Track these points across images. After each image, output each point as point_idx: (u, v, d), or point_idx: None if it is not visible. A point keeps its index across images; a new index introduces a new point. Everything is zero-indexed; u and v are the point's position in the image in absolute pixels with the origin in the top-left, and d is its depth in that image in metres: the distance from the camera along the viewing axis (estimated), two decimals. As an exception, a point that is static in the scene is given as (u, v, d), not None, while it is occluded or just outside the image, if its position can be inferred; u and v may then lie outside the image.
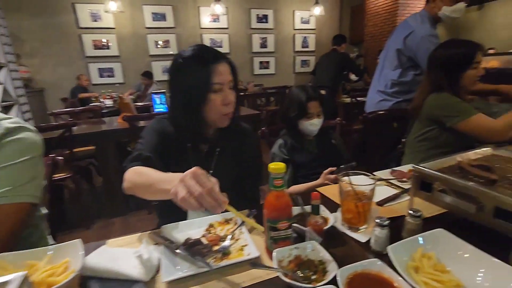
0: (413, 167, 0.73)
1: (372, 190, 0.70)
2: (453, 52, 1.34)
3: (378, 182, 0.98)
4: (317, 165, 1.33)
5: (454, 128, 1.29)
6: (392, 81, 1.91)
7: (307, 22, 6.50)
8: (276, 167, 0.57)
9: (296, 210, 0.77)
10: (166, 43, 5.58)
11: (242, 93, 4.87)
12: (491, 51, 5.50)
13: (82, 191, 2.56)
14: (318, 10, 5.81)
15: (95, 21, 5.02)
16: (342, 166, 1.16)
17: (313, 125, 1.32)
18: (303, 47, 6.63)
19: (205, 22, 5.71)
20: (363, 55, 6.50)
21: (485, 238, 0.62)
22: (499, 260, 0.51)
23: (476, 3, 6.86)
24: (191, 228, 0.76)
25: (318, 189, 0.96)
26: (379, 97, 2.00)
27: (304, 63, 6.73)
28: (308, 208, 0.71)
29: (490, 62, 4.56)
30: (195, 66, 0.82)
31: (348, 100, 3.25)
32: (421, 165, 0.72)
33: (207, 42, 5.78)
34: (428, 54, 1.44)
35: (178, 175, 0.58)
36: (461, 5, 1.71)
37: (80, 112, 3.29)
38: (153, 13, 5.36)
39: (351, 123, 3.02)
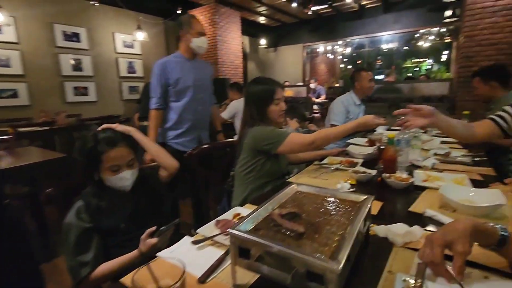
0: (229, 231, 0.62)
1: (184, 282, 0.52)
2: (258, 89, 1.46)
3: (201, 244, 0.84)
4: (138, 226, 1.04)
5: (278, 153, 1.38)
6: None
7: (131, 46, 6.04)
8: None
9: None
10: None
11: (47, 128, 3.76)
12: (286, 83, 7.18)
13: None
14: (141, 36, 5.54)
15: None
16: (162, 228, 0.95)
17: (123, 179, 1.04)
18: (129, 72, 6.08)
19: (-26, 32, 4.09)
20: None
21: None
22: None
23: (272, 46, 8.84)
24: None
25: (122, 280, 0.69)
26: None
27: (133, 89, 6.18)
28: None
29: (287, 92, 5.90)
30: None
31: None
32: (236, 228, 0.62)
33: (-20, 59, 4.15)
34: None
35: None
36: (203, 38, 2.01)
37: None
38: None
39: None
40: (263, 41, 8.53)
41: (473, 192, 1.03)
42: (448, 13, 5.55)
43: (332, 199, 0.81)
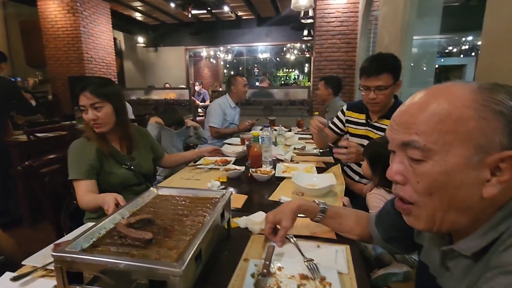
0: (52, 254, 0.50)
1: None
2: None
3: (27, 279, 0.66)
4: None
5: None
6: None
7: None
8: None
9: None
10: None
11: None
12: (166, 85, 6.90)
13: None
14: (-43, 13, 4.09)
15: None
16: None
17: None
18: None
19: None
20: (50, 80, 5.54)
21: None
22: None
23: (152, 45, 8.30)
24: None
25: None
26: None
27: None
28: None
29: (169, 94, 5.65)
30: None
31: (24, 137, 2.46)
32: (65, 249, 0.51)
33: None
34: None
35: None
36: None
37: None
38: None
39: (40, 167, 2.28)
40: (141, 39, 7.87)
41: (316, 178, 1.24)
42: (305, 32, 6.68)
43: (191, 200, 0.79)
